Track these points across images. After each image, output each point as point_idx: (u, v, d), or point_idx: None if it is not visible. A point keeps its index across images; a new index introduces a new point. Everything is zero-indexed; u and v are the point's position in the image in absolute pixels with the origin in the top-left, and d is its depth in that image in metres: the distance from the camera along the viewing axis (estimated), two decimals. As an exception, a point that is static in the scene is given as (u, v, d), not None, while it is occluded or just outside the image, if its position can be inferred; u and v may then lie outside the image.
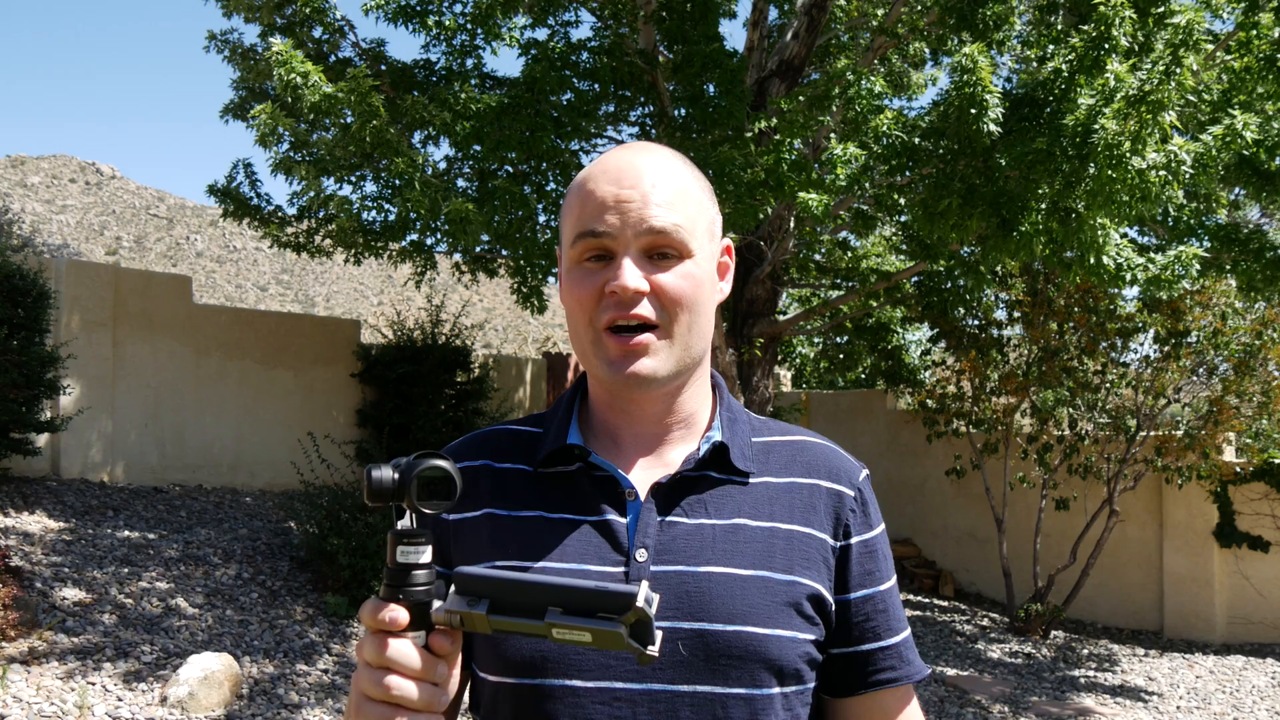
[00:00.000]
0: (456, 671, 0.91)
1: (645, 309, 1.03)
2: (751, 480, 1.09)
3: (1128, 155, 5.09)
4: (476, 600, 0.84)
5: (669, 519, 1.05)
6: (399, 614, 0.85)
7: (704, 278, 1.07)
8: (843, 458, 1.15)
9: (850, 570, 1.09)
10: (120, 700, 4.65)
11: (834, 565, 1.09)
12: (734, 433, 1.11)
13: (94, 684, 4.70)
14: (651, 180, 1.05)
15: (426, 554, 0.87)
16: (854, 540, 1.10)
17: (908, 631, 1.14)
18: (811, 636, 1.04)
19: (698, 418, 1.12)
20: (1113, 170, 5.13)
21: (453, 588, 0.86)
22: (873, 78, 6.00)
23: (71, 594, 5.43)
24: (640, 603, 0.81)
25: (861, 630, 1.09)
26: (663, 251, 1.04)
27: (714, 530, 1.05)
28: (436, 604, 0.86)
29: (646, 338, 1.03)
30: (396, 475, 0.87)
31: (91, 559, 5.89)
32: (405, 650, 0.85)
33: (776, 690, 1.02)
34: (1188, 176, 5.44)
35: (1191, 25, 5.17)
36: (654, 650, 0.82)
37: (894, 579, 1.14)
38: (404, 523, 0.87)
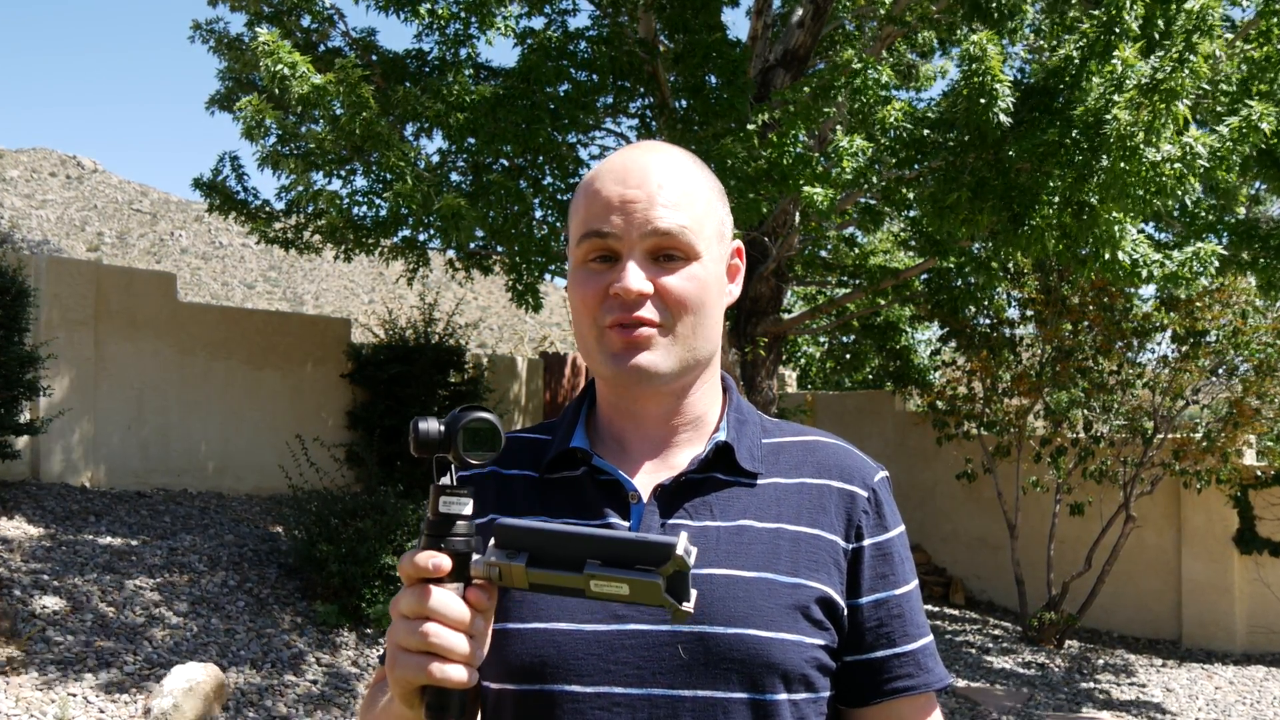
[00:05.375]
0: (490, 633, 0.91)
1: (648, 311, 1.03)
2: (760, 481, 1.08)
3: (1141, 147, 4.97)
4: (515, 553, 0.85)
5: (672, 521, 1.04)
6: (442, 560, 0.86)
7: (710, 280, 1.07)
8: (857, 458, 1.13)
9: (862, 574, 1.07)
10: (102, 711, 4.58)
11: (846, 568, 1.07)
12: (741, 433, 1.10)
13: (75, 695, 4.63)
14: (658, 180, 1.04)
15: (468, 507, 0.89)
16: (867, 543, 1.08)
17: (928, 638, 1.11)
18: (820, 641, 1.02)
19: (706, 420, 1.11)
20: (1125, 162, 5.02)
21: (491, 540, 0.86)
22: (879, 67, 5.86)
23: (52, 602, 5.34)
24: (680, 552, 0.81)
25: (875, 636, 1.07)
26: (668, 253, 1.04)
27: (718, 532, 1.04)
28: (475, 557, 0.87)
29: (649, 331, 1.03)
30: (443, 427, 0.89)
31: (72, 566, 5.79)
32: (447, 599, 0.86)
33: (783, 696, 1.00)
34: (1203, 170, 5.29)
35: (1205, 9, 5.08)
36: (689, 606, 0.82)
37: (913, 584, 1.11)
38: (444, 480, 0.90)
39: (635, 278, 1.02)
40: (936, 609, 9.42)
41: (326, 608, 5.99)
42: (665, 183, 1.04)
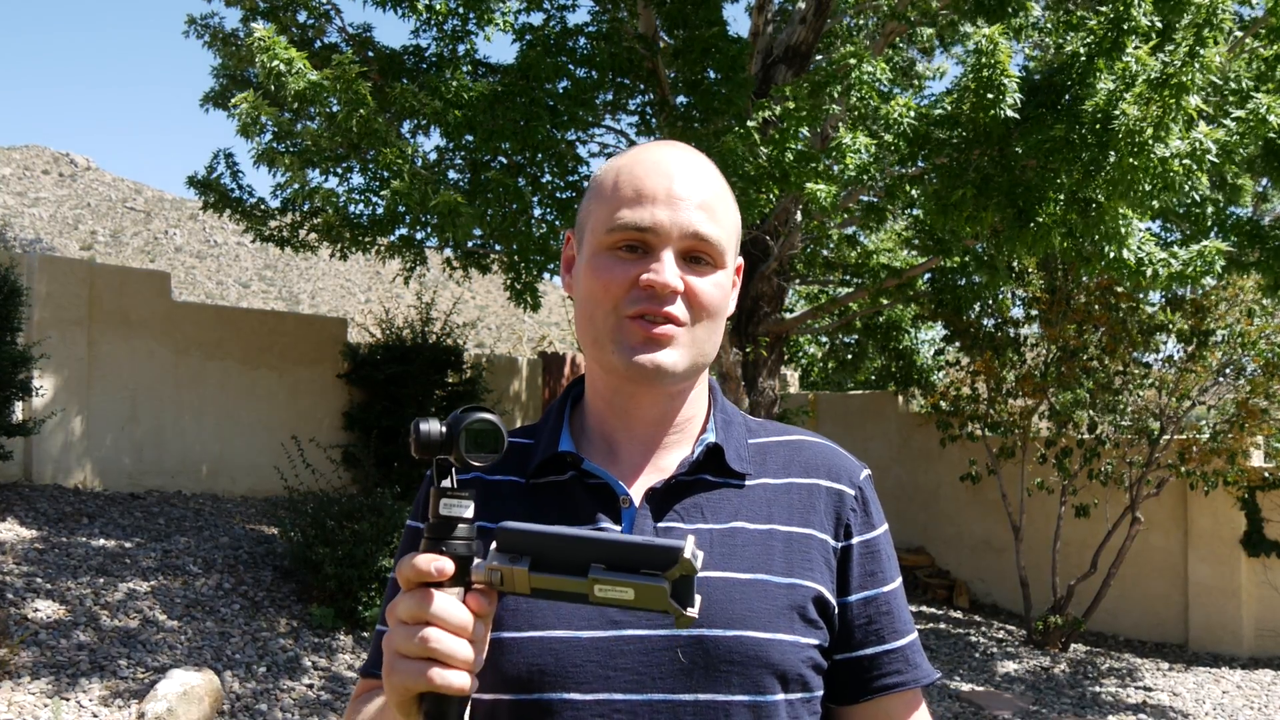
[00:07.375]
0: (488, 638, 0.89)
1: (677, 308, 1.04)
2: (749, 482, 1.09)
3: (1150, 142, 4.92)
4: (518, 557, 0.84)
5: (664, 525, 1.05)
6: (445, 563, 0.84)
7: (729, 289, 1.10)
8: (842, 456, 1.14)
9: (851, 572, 1.08)
10: (96, 716, 4.53)
11: (835, 566, 1.08)
12: (729, 435, 1.11)
13: (69, 700, 4.58)
14: (701, 184, 1.07)
15: (470, 509, 0.87)
16: (855, 540, 1.09)
17: (914, 635, 1.12)
18: (815, 641, 1.03)
19: (693, 422, 1.12)
20: (1134, 158, 4.99)
21: (494, 544, 0.85)
22: (874, 60, 5.81)
23: (45, 606, 5.29)
24: (687, 555, 0.81)
25: (865, 634, 1.08)
26: (699, 256, 1.05)
27: (711, 535, 1.04)
28: (476, 561, 0.86)
29: (672, 329, 1.04)
30: (444, 428, 0.88)
31: (65, 569, 5.74)
32: (449, 603, 0.84)
33: (780, 697, 1.01)
34: (1212, 165, 5.25)
35: (1215, 4, 5.06)
36: (694, 612, 0.82)
37: (898, 581, 1.12)
38: (445, 482, 0.88)
39: (673, 273, 1.03)
40: (940, 612, 9.33)
41: (323, 611, 5.94)
42: (706, 189, 1.07)
